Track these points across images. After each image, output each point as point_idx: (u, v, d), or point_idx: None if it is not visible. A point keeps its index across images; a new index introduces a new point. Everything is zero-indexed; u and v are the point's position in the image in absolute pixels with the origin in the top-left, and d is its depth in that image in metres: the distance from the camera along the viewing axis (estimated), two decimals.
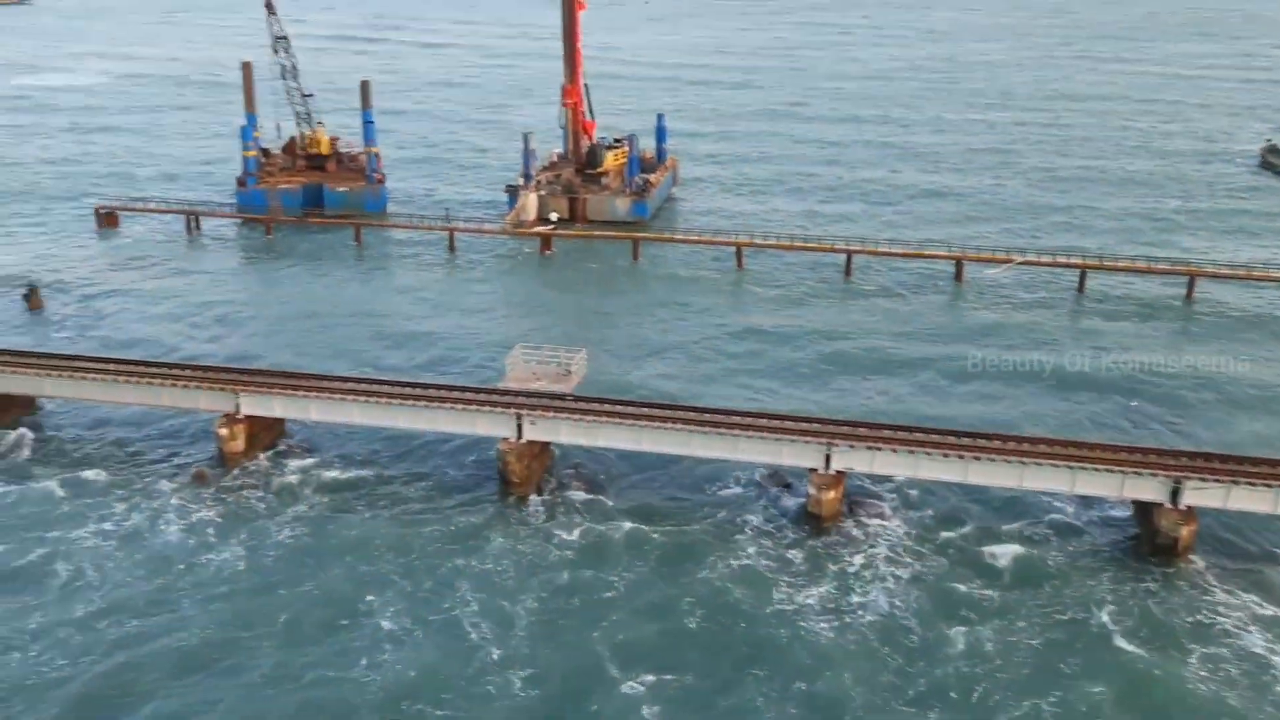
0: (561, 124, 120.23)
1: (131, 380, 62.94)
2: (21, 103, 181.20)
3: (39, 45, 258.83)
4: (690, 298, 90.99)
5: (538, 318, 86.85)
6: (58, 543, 53.24)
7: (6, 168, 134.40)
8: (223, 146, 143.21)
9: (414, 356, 77.27)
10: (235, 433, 60.83)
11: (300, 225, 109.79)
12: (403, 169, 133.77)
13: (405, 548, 53.24)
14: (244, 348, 78.28)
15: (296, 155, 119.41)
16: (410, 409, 60.26)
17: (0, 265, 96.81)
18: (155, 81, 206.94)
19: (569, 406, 59.28)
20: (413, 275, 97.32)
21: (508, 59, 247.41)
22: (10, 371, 63.88)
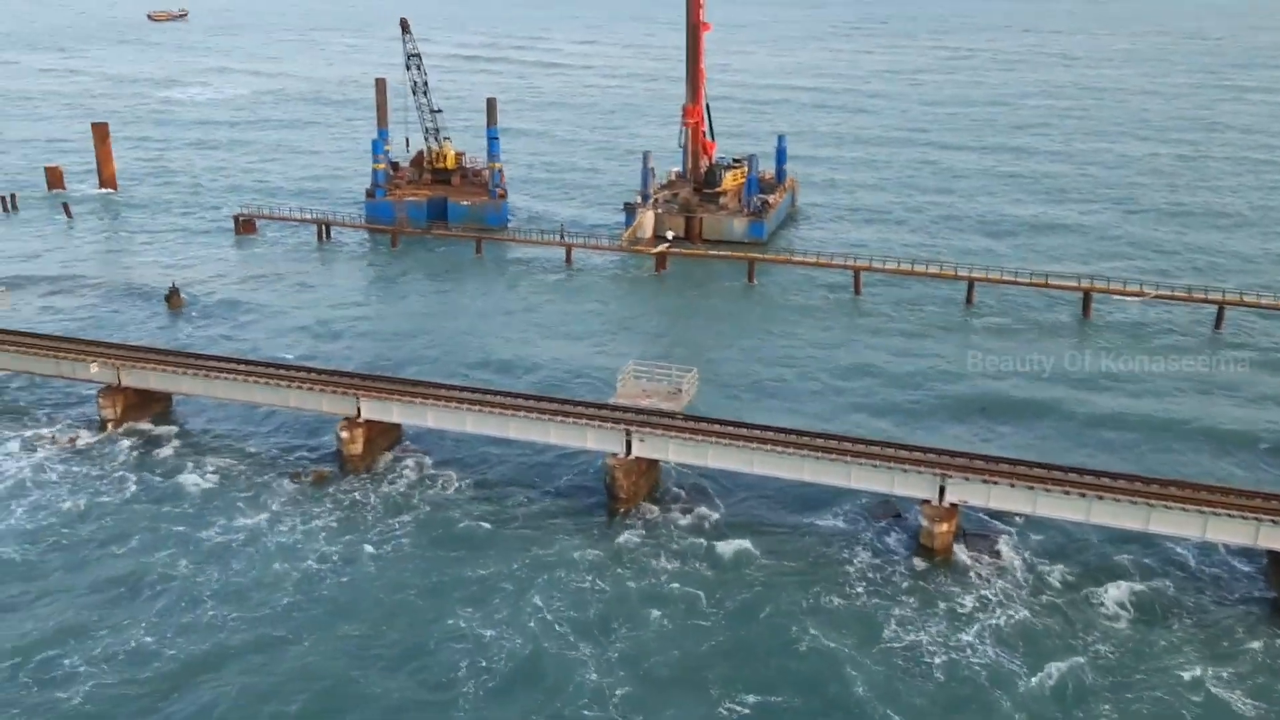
0: (681, 143, 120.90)
1: (260, 381, 65.48)
2: (168, 115, 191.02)
3: (188, 60, 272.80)
4: (805, 320, 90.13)
5: (650, 335, 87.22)
6: (183, 538, 55.47)
7: (155, 177, 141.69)
8: (355, 159, 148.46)
9: (527, 368, 78.42)
10: (355, 436, 62.64)
11: (424, 237, 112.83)
12: (524, 185, 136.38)
13: (508, 558, 53.88)
14: (366, 353, 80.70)
15: (424, 169, 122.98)
16: (522, 420, 61.11)
17: (146, 267, 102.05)
18: (293, 96, 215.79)
19: (679, 425, 59.28)
20: (530, 289, 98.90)
21: (626, 79, 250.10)
22: (151, 369, 67.16)
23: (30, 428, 67.41)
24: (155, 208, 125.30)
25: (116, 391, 67.00)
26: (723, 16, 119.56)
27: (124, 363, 67.44)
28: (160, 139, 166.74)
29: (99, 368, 67.18)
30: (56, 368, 69.00)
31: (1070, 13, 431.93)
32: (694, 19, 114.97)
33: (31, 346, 70.13)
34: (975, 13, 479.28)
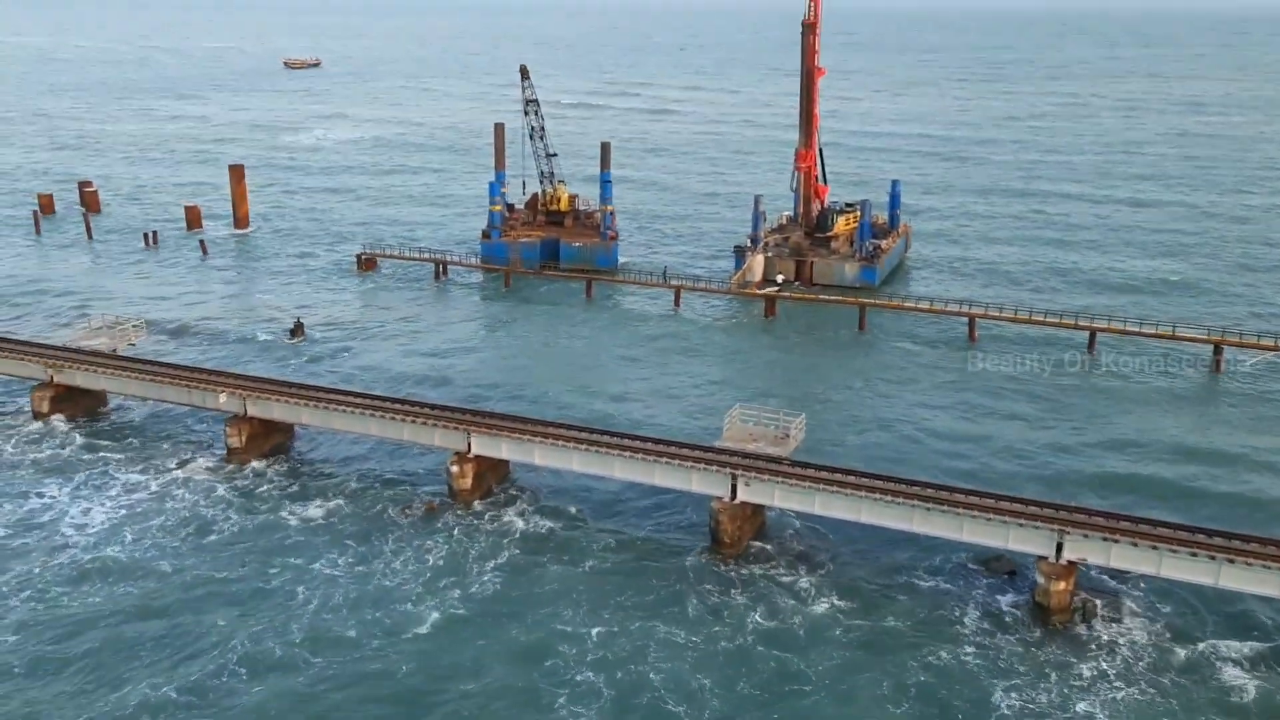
0: (793, 187, 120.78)
1: (376, 414, 67.34)
2: (299, 157, 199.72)
3: (318, 105, 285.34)
4: (917, 368, 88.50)
5: (758, 379, 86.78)
6: (295, 567, 56.98)
7: (284, 216, 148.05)
8: (472, 201, 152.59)
9: (634, 409, 78.81)
10: (465, 470, 63.77)
11: (536, 277, 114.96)
12: (635, 227, 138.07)
13: (609, 600, 53.79)
14: (477, 389, 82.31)
15: (537, 211, 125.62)
16: (628, 460, 61.33)
17: (273, 302, 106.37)
18: (415, 140, 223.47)
19: (786, 470, 58.65)
20: (638, 330, 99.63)
21: (736, 124, 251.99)
22: (275, 400, 69.77)
23: (160, 455, 70.56)
24: (284, 245, 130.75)
25: (242, 421, 69.75)
26: (833, 62, 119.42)
27: (250, 393, 70.23)
28: (291, 180, 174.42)
29: (227, 398, 70.08)
30: (188, 397, 72.23)
31: (1199, 56, 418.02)
32: (809, 64, 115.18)
33: (165, 376, 73.59)
34: (1095, 58, 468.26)
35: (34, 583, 54.70)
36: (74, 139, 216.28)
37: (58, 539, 59.13)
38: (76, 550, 57.92)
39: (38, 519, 61.36)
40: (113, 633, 50.59)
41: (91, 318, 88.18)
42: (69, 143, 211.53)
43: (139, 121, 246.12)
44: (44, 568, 56.09)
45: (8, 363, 77.66)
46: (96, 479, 66.53)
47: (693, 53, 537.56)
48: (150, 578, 55.49)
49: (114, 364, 75.42)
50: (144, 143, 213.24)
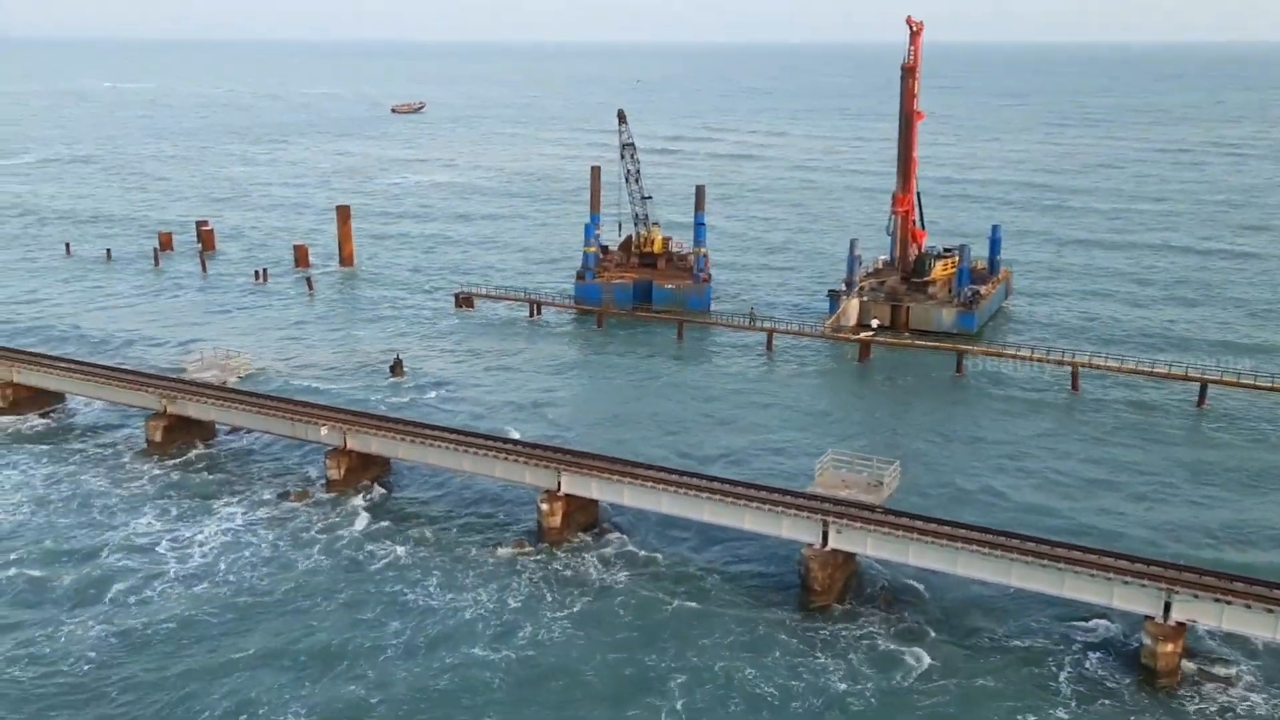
0: (890, 231, 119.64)
1: (469, 450, 68.40)
2: (403, 197, 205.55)
3: (422, 148, 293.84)
4: (1017, 417, 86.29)
5: (851, 425, 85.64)
6: (388, 599, 58.00)
7: (387, 255, 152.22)
8: (567, 243, 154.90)
9: (724, 452, 78.45)
10: (554, 509, 64.19)
11: (629, 318, 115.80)
12: (728, 270, 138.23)
13: (693, 644, 53.31)
14: (569, 428, 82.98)
15: (631, 253, 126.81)
16: (717, 504, 60.98)
17: (374, 338, 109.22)
18: (514, 182, 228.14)
19: (879, 519, 57.62)
20: (730, 372, 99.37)
21: (823, 168, 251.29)
22: (373, 434, 71.45)
23: (262, 484, 72.74)
24: (386, 284, 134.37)
25: (342, 454, 71.54)
26: (924, 105, 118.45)
27: (350, 427, 72.08)
28: (394, 220, 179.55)
29: (328, 430, 72.04)
30: (291, 429, 74.46)
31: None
32: (908, 107, 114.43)
33: (270, 408, 76.07)
34: (1202, 103, 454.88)
35: (134, 606, 56.66)
36: (195, 180, 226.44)
37: (160, 564, 61.22)
38: (177, 575, 59.86)
39: (143, 543, 63.66)
40: (204, 660, 51.97)
41: (203, 351, 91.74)
42: (190, 183, 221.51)
43: (254, 164, 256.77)
44: (145, 592, 58.08)
45: (125, 392, 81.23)
46: (201, 506, 68.86)
47: (779, 96, 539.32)
48: (246, 604, 56.99)
49: (223, 396, 78.28)
50: (259, 184, 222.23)
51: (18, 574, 59.78)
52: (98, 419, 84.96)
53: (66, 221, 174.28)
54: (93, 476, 73.35)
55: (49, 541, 63.61)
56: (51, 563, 61.06)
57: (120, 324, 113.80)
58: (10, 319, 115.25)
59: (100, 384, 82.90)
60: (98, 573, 60.00)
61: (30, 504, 68.88)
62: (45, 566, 60.59)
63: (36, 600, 57.17)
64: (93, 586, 58.55)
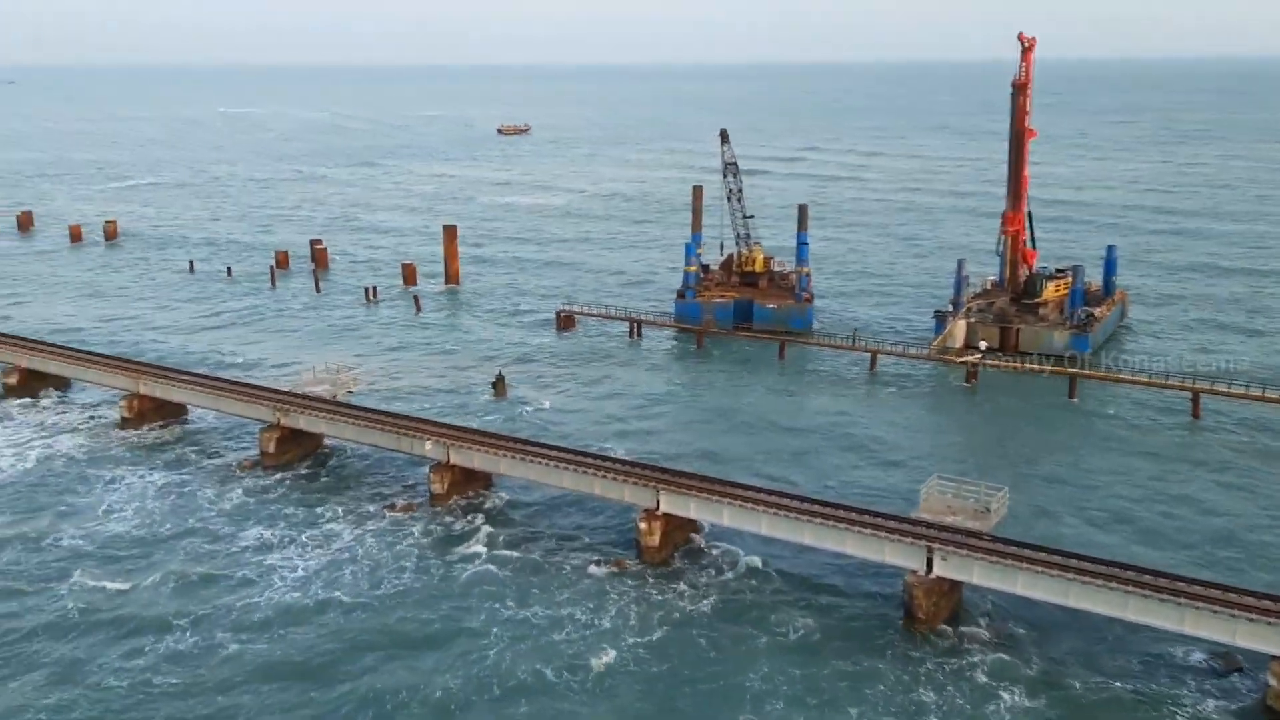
0: (999, 251, 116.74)
1: (569, 467, 68.86)
2: (507, 217, 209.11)
3: (525, 168, 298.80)
4: (1133, 444, 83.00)
5: (957, 449, 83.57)
6: (487, 614, 58.57)
7: (491, 274, 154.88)
8: (668, 261, 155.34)
9: (826, 474, 77.35)
10: (653, 528, 64.07)
11: (729, 337, 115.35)
12: (831, 289, 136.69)
13: (791, 671, 52.46)
14: (668, 447, 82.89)
15: (732, 272, 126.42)
16: (817, 526, 60.06)
17: (478, 356, 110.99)
18: (615, 201, 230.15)
19: (986, 546, 55.94)
20: (832, 394, 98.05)
21: (925, 187, 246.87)
22: (476, 449, 72.53)
23: (368, 497, 74.46)
24: (490, 302, 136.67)
25: (445, 468, 72.78)
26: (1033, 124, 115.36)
27: (453, 442, 73.31)
28: (498, 239, 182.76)
29: (432, 445, 73.40)
30: (396, 443, 76.12)
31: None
32: (1019, 125, 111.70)
33: (377, 422, 77.91)
34: None
35: (240, 615, 58.37)
36: (307, 200, 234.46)
37: (266, 573, 62.99)
38: (282, 584, 61.45)
39: (251, 553, 65.65)
40: (305, 667, 53.17)
41: (315, 366, 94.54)
42: (302, 203, 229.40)
43: (367, 185, 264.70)
44: (251, 601, 59.76)
45: (241, 404, 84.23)
46: (309, 517, 70.78)
47: (878, 115, 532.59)
48: (348, 614, 58.27)
49: (333, 409, 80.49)
50: (371, 204, 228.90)
51: (128, 581, 62.01)
52: (216, 430, 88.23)
53: (190, 241, 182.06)
54: (207, 486, 76.14)
55: (160, 551, 65.98)
56: (160, 571, 63.23)
57: (239, 339, 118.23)
58: (136, 333, 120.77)
59: (218, 396, 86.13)
60: (206, 581, 61.94)
61: (145, 512, 71.63)
62: (154, 575, 62.76)
63: (145, 608, 59.17)
64: (200, 595, 60.47)
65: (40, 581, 62.03)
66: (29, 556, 65.14)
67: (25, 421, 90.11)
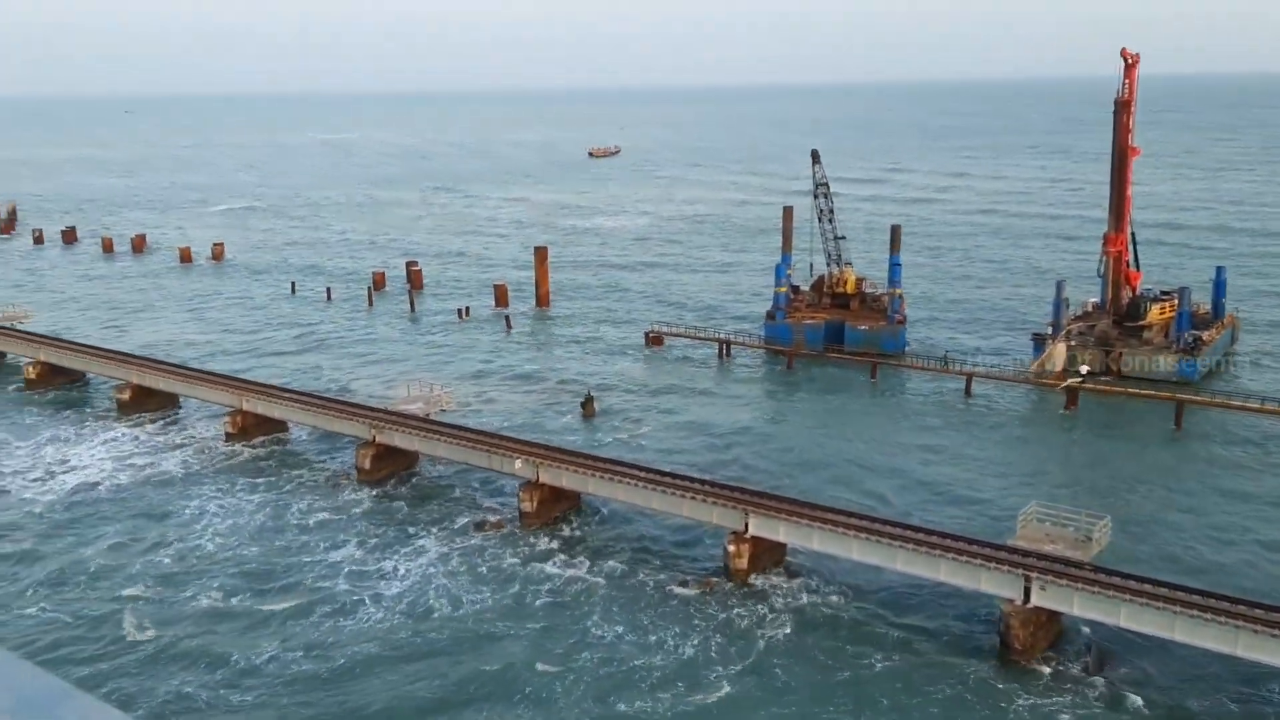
0: (1101, 272, 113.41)
1: (657, 488, 68.86)
2: (596, 238, 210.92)
3: (616, 190, 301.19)
4: (1246, 475, 79.57)
5: (1056, 476, 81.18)
6: (575, 634, 58.77)
7: (580, 294, 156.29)
8: (757, 282, 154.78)
9: (918, 499, 75.86)
10: (741, 550, 63.62)
11: (819, 359, 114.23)
12: (925, 311, 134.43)
13: (879, 702, 51.36)
14: (757, 469, 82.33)
15: (823, 293, 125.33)
16: (910, 552, 58.89)
17: (567, 375, 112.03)
18: (704, 222, 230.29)
19: (1087, 576, 54.13)
20: (925, 417, 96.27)
21: (1015, 206, 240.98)
22: (564, 468, 73.09)
23: (459, 514, 75.49)
24: (579, 323, 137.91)
25: (535, 487, 73.47)
26: None
27: (543, 461, 73.99)
28: (588, 260, 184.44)
29: (522, 464, 74.20)
30: (488, 461, 77.15)
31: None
32: (1122, 143, 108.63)
33: (469, 441, 79.11)
34: None
35: (331, 631, 59.59)
36: (402, 222, 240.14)
37: (359, 588, 64.21)
38: (374, 601, 62.56)
39: (344, 568, 67.07)
40: (397, 685, 53.93)
41: (409, 384, 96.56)
42: (398, 226, 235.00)
43: (462, 207, 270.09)
44: (343, 617, 60.98)
45: (339, 421, 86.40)
46: (401, 533, 72.09)
47: (969, 134, 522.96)
48: (437, 630, 59.02)
49: (426, 427, 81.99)
50: (464, 226, 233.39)
51: (223, 596, 63.70)
52: (315, 445, 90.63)
53: (291, 263, 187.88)
54: (304, 500, 78.16)
55: (254, 564, 67.65)
56: (255, 586, 64.76)
57: (337, 358, 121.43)
58: (241, 351, 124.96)
59: (318, 413, 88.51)
60: (299, 596, 63.34)
61: (241, 526, 73.76)
62: (249, 589, 64.33)
63: (239, 622, 60.60)
64: (294, 610, 61.74)
65: (142, 593, 64.27)
66: (129, 567, 67.56)
67: (135, 435, 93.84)
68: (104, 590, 64.25)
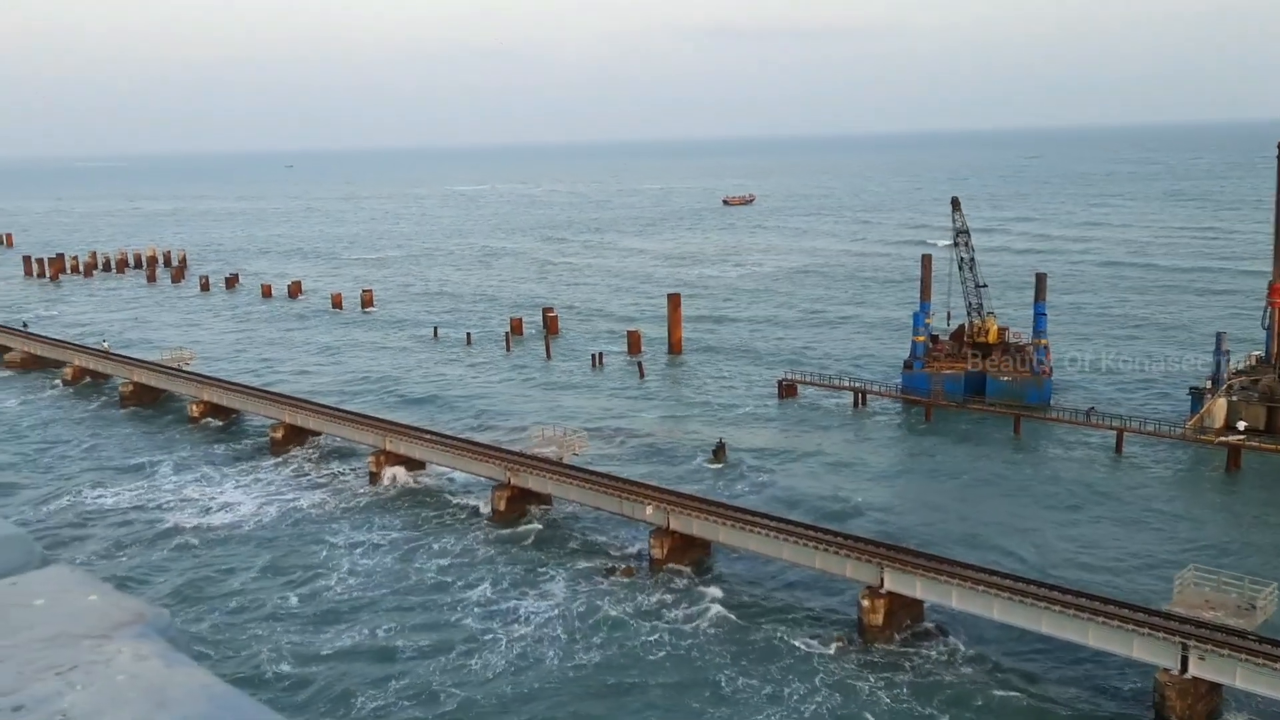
0: (1266, 325, 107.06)
1: (789, 539, 67.87)
2: (729, 286, 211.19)
3: (751, 237, 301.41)
4: None
5: (1216, 539, 76.38)
6: (707, 687, 58.11)
7: (712, 340, 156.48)
8: (893, 331, 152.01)
9: (1063, 559, 72.50)
10: (876, 606, 61.94)
11: (959, 410, 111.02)
12: (1071, 363, 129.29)
13: None
14: (892, 522, 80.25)
15: (963, 343, 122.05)
16: (1056, 615, 56.27)
17: (698, 423, 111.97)
18: (839, 270, 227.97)
19: (1252, 647, 50.61)
20: (1073, 474, 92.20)
21: (1163, 259, 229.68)
22: (695, 516, 72.85)
23: (590, 558, 75.93)
24: (711, 370, 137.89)
25: (665, 534, 73.41)
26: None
27: (674, 508, 73.94)
28: (721, 308, 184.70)
29: (653, 510, 74.31)
30: (619, 505, 77.59)
31: None
32: None
33: (601, 485, 79.80)
34: None
35: (464, 671, 60.38)
36: (538, 269, 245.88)
37: (490, 630, 65.02)
38: (506, 643, 63.08)
39: (477, 608, 68.17)
40: None
41: (543, 428, 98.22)
42: (534, 272, 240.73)
43: (598, 253, 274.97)
44: (475, 659, 61.64)
45: (475, 463, 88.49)
46: (532, 576, 72.84)
47: (1113, 181, 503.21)
48: (568, 675, 59.26)
49: (560, 471, 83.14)
50: (600, 272, 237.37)
51: (358, 633, 64.98)
52: (452, 486, 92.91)
53: (433, 308, 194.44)
54: (440, 540, 80.00)
55: (389, 601, 69.21)
56: (390, 623, 66.15)
57: (475, 400, 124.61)
58: (383, 391, 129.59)
59: (456, 454, 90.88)
60: (432, 634, 64.42)
61: (378, 564, 75.66)
62: (384, 626, 65.72)
63: (372, 658, 61.88)
64: (427, 648, 62.80)
65: (282, 626, 66.80)
66: (268, 601, 70.22)
67: (285, 472, 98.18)
68: (244, 621, 66.98)
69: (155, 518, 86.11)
